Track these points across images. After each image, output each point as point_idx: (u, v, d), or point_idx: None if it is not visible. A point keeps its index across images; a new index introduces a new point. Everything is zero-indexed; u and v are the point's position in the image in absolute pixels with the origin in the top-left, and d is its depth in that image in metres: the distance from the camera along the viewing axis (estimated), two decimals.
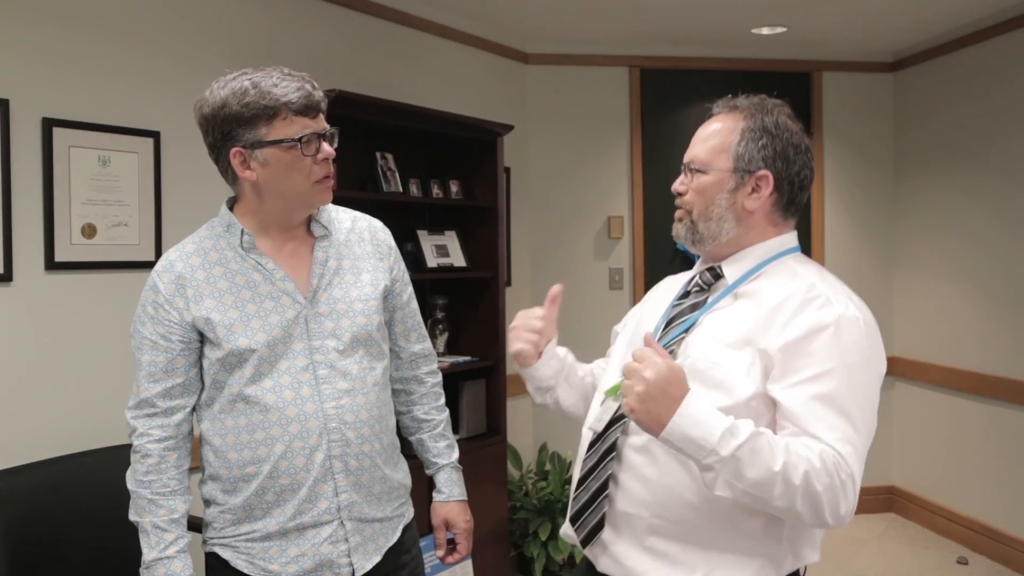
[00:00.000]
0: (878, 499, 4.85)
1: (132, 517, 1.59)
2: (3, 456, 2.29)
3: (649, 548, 1.42)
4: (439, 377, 1.91)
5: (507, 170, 4.12)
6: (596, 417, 1.53)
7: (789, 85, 4.73)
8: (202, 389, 1.62)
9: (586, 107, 4.53)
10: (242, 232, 1.59)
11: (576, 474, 1.55)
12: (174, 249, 1.64)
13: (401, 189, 3.37)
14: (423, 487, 1.90)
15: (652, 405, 1.25)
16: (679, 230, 1.55)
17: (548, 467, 4.15)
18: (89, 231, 2.53)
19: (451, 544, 1.87)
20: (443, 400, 1.92)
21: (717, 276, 1.52)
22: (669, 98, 4.57)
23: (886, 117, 4.82)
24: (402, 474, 1.77)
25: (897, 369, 4.76)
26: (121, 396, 2.54)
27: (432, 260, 3.43)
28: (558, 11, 3.91)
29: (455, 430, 3.41)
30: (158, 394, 1.58)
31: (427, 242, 3.46)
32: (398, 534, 1.73)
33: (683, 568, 1.40)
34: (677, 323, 1.52)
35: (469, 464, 2.19)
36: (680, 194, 1.54)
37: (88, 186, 2.52)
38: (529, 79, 4.47)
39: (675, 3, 3.82)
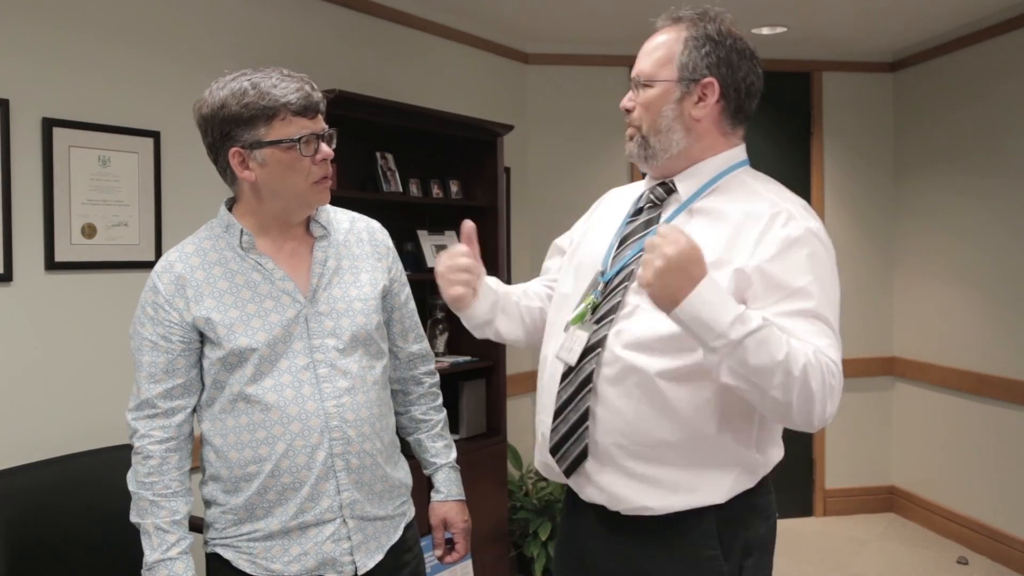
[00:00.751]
0: (878, 499, 4.85)
1: (133, 519, 1.59)
2: (3, 456, 2.30)
3: (631, 473, 1.45)
4: (437, 377, 1.92)
5: (507, 170, 4.12)
6: (565, 347, 1.52)
7: (789, 85, 4.73)
8: (202, 390, 1.62)
9: (586, 107, 4.53)
10: (241, 232, 1.60)
11: (547, 403, 1.55)
12: (173, 250, 1.64)
13: (401, 189, 3.37)
14: (423, 487, 1.90)
15: (669, 280, 1.26)
16: (631, 149, 1.55)
17: None
18: (89, 231, 2.53)
19: (449, 544, 1.88)
20: (441, 400, 1.92)
21: (669, 191, 1.53)
22: None
23: (886, 117, 4.82)
24: (403, 473, 1.77)
25: (897, 369, 4.76)
26: (121, 396, 2.54)
27: (432, 260, 3.43)
28: (558, 11, 3.91)
29: (455, 430, 3.41)
30: (159, 395, 1.58)
31: (427, 242, 3.46)
32: (400, 532, 1.73)
33: (665, 489, 1.43)
34: (632, 241, 1.52)
35: (469, 464, 2.19)
36: (628, 111, 1.54)
37: (88, 186, 2.52)
38: (529, 79, 4.47)
39: (675, 3, 3.80)
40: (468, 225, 1.63)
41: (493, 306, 1.67)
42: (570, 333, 1.52)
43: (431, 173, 3.62)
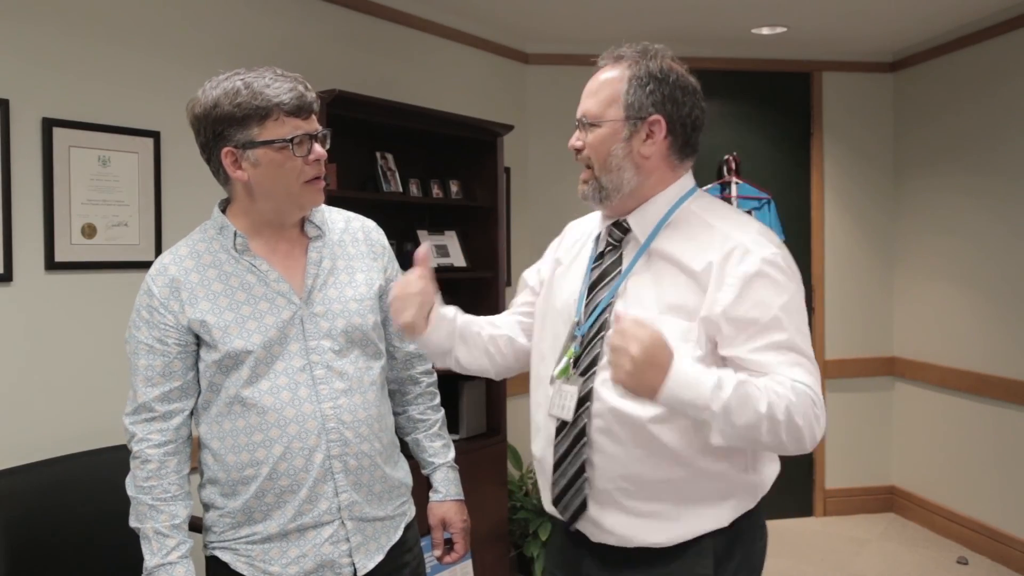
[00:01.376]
0: (878, 499, 4.85)
1: (133, 524, 1.58)
2: (3, 456, 2.30)
3: (636, 512, 1.49)
4: (434, 377, 1.91)
5: (507, 170, 4.12)
6: (556, 403, 1.55)
7: (789, 85, 4.73)
8: (198, 393, 1.62)
9: None
10: (235, 234, 1.59)
11: (542, 454, 1.59)
12: (167, 252, 1.63)
13: (401, 189, 3.37)
14: (424, 486, 1.90)
15: (642, 377, 1.31)
16: (585, 191, 1.57)
17: None
18: (89, 231, 2.53)
19: (448, 544, 1.87)
20: (438, 400, 1.92)
21: (625, 230, 1.56)
22: None
23: (886, 117, 4.82)
24: (403, 473, 1.76)
25: (897, 369, 4.76)
26: (121, 396, 2.53)
27: (432, 260, 3.41)
28: (558, 11, 3.91)
29: (455, 430, 3.41)
30: (156, 398, 1.57)
31: (427, 242, 3.44)
32: (400, 533, 1.72)
33: (671, 521, 1.48)
34: (601, 287, 1.55)
35: (469, 464, 2.19)
36: (578, 150, 1.56)
37: (88, 186, 2.52)
38: (529, 79, 4.47)
39: (675, 3, 3.82)
40: (422, 249, 1.65)
41: (450, 335, 1.68)
42: (557, 388, 1.55)
43: (431, 173, 3.62)
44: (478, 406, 3.56)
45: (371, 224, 1.79)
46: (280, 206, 1.60)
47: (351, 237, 1.72)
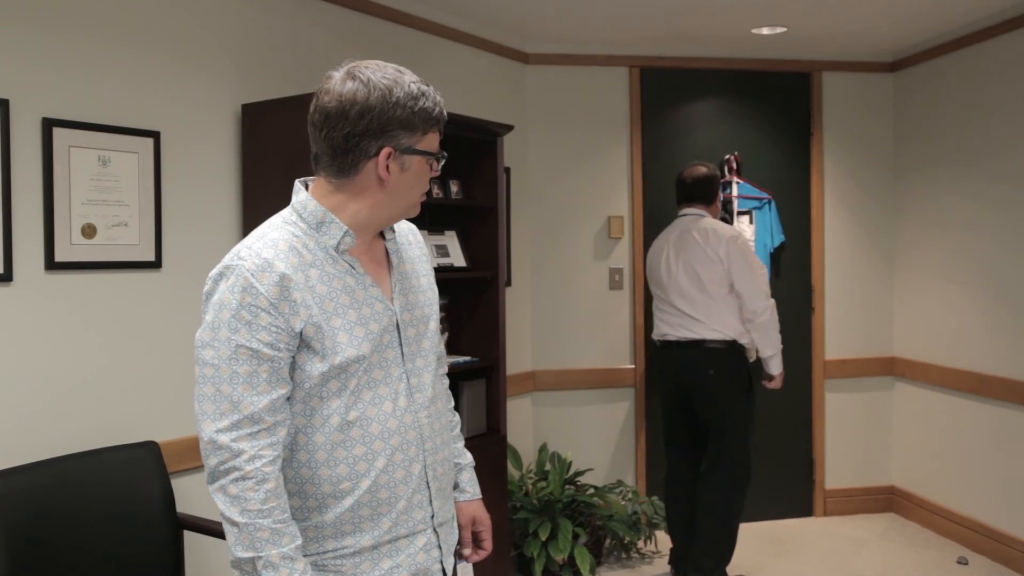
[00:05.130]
0: (878, 499, 4.85)
1: (244, 553, 1.39)
2: (3, 456, 2.29)
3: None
4: (448, 381, 1.91)
5: (507, 170, 4.12)
6: None
7: (789, 85, 4.73)
8: None
9: (586, 107, 4.53)
10: (345, 232, 1.49)
11: None
12: (263, 246, 1.46)
13: None
14: None
15: None
16: None
17: (548, 467, 4.15)
18: (89, 231, 2.52)
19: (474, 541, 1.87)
20: (453, 403, 1.92)
21: None
22: (669, 98, 4.57)
23: (886, 117, 4.82)
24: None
25: (897, 369, 4.76)
26: (121, 396, 2.54)
27: (432, 260, 3.43)
28: (558, 11, 3.91)
29: None
30: (265, 408, 1.41)
31: (427, 242, 3.46)
32: (456, 532, 1.73)
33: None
34: None
35: None
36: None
37: (88, 186, 2.52)
38: (529, 79, 4.47)
39: (675, 3, 3.82)
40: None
41: None
42: None
43: None
44: (478, 406, 3.56)
45: (413, 226, 1.76)
46: (396, 212, 1.56)
47: (404, 240, 1.68)
